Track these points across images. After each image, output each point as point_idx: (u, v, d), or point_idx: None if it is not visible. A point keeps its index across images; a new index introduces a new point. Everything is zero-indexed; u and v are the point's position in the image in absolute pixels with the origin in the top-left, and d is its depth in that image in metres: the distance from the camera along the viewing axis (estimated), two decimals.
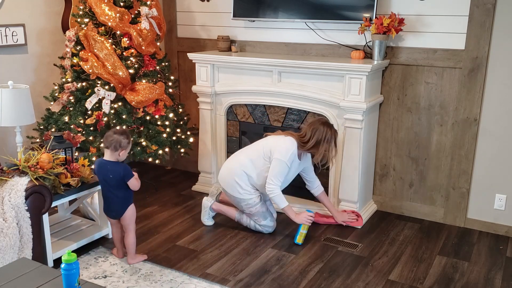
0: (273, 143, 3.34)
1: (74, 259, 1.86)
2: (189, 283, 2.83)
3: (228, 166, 3.45)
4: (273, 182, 3.26)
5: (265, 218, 3.43)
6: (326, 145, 3.27)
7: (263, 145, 3.38)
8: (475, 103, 3.40)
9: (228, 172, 3.42)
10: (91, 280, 2.80)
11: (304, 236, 3.33)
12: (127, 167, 2.93)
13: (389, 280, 2.91)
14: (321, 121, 3.34)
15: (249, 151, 3.45)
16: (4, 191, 2.69)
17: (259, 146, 3.40)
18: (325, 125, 3.30)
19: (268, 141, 3.39)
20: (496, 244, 3.38)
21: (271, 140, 3.39)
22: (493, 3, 3.20)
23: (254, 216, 3.43)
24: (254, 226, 3.47)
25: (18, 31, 3.73)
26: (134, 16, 3.78)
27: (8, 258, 2.56)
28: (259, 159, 3.36)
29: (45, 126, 3.79)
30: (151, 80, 3.83)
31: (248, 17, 4.02)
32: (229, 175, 3.41)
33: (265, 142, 3.39)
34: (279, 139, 3.35)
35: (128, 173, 2.91)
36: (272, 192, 3.27)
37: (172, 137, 4.03)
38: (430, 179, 3.69)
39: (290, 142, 3.30)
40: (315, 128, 3.27)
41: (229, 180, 3.40)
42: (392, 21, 3.37)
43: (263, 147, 3.36)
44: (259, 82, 3.83)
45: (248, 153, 3.42)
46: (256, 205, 3.39)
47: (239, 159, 3.42)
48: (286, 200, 3.31)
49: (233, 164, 3.42)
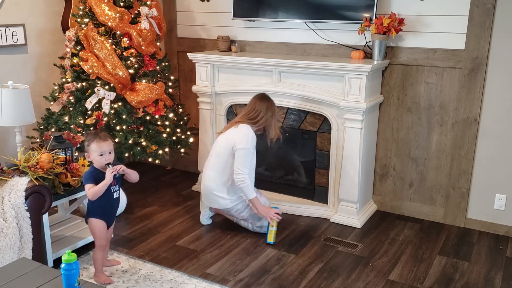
0: (231, 138, 3.31)
1: (74, 259, 1.87)
2: (189, 283, 2.83)
3: (204, 184, 3.46)
4: (241, 171, 3.25)
5: (259, 219, 3.43)
6: (273, 115, 3.37)
7: (224, 146, 3.34)
8: (475, 103, 3.40)
9: (206, 190, 3.45)
10: (91, 280, 2.80)
11: (275, 233, 3.32)
12: (86, 173, 2.69)
13: (389, 280, 2.91)
14: (258, 96, 3.39)
15: (212, 162, 3.42)
16: (4, 191, 2.69)
17: (220, 150, 3.37)
18: (263, 98, 3.38)
19: (226, 139, 3.35)
20: (496, 244, 3.38)
21: (227, 136, 3.35)
22: (493, 3, 3.20)
23: (248, 220, 3.45)
24: (252, 228, 3.48)
25: (18, 31, 3.73)
26: (134, 16, 3.78)
27: (8, 258, 2.56)
28: (226, 162, 3.34)
29: (45, 126, 3.79)
30: (151, 80, 3.83)
31: (248, 17, 4.02)
32: (208, 193, 3.44)
33: (224, 144, 3.35)
34: (234, 131, 3.32)
35: (84, 179, 2.67)
36: (242, 181, 3.25)
37: (172, 137, 4.03)
38: (430, 179, 3.69)
39: (245, 128, 3.30)
40: (256, 103, 3.34)
41: (210, 196, 3.44)
42: (392, 21, 3.37)
43: (225, 148, 3.33)
44: (259, 82, 3.83)
45: (213, 166, 3.40)
46: (245, 209, 3.42)
47: (209, 176, 3.42)
48: (254, 192, 3.32)
49: (207, 182, 3.43)
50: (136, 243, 3.32)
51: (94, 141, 2.65)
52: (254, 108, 3.35)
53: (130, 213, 3.78)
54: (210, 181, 3.41)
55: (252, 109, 3.36)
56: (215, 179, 3.39)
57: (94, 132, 2.75)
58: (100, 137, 2.67)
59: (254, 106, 3.36)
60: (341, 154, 3.60)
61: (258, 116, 3.34)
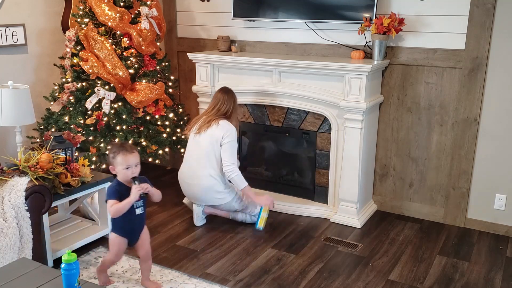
0: (217, 135, 3.38)
1: (74, 259, 1.86)
2: (189, 283, 2.83)
3: (202, 184, 3.44)
4: (230, 162, 3.37)
5: (255, 206, 3.53)
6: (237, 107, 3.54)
7: (211, 144, 3.39)
8: (475, 103, 3.40)
9: (205, 189, 3.44)
10: (91, 280, 2.80)
11: (266, 220, 3.38)
12: (110, 187, 2.56)
13: (389, 280, 2.91)
14: (224, 90, 3.51)
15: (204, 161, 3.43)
16: (4, 191, 2.69)
17: (208, 148, 3.40)
18: (229, 91, 3.51)
19: (210, 137, 3.40)
20: (496, 244, 3.38)
21: (212, 134, 3.40)
22: (493, 3, 3.20)
23: (247, 209, 3.53)
24: (250, 219, 3.56)
25: (18, 31, 3.73)
26: (134, 16, 3.78)
27: (8, 258, 2.56)
28: (218, 158, 3.40)
29: (45, 126, 3.79)
30: (151, 80, 3.83)
31: (248, 17, 4.02)
32: (208, 191, 3.44)
33: (209, 141, 3.39)
34: (217, 129, 3.39)
35: (108, 194, 2.54)
36: (232, 171, 3.35)
37: (172, 137, 4.03)
38: (430, 179, 3.69)
39: (226, 123, 3.42)
40: (225, 97, 3.46)
41: (211, 195, 3.45)
42: (392, 21, 3.37)
43: (212, 145, 3.38)
44: (259, 82, 3.83)
45: (207, 164, 3.42)
46: (244, 197, 3.53)
47: (207, 174, 3.42)
48: (245, 180, 3.40)
49: (206, 181, 3.43)
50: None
51: (120, 153, 2.50)
52: (223, 102, 3.47)
53: None
54: (209, 180, 3.42)
55: (222, 103, 3.47)
56: (214, 175, 3.42)
57: (119, 144, 2.60)
58: (126, 149, 2.52)
59: (223, 100, 3.47)
60: (341, 154, 3.60)
61: (228, 109, 3.47)
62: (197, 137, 3.46)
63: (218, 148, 3.40)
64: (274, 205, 3.48)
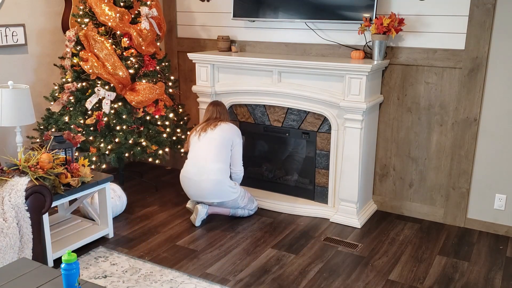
0: (230, 133, 3.55)
1: (74, 259, 1.86)
2: (189, 283, 2.83)
3: (212, 178, 3.45)
4: (240, 163, 3.64)
5: (253, 201, 3.74)
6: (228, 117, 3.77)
7: (225, 139, 3.51)
8: (475, 103, 3.40)
9: (215, 185, 3.47)
10: (91, 280, 2.80)
11: None
12: None
13: (389, 280, 2.91)
14: (212, 104, 3.70)
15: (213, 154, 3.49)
16: (4, 191, 2.69)
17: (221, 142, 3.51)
18: (217, 103, 3.71)
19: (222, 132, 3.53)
20: (496, 244, 3.38)
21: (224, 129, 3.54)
22: (493, 3, 3.20)
23: (247, 205, 3.68)
24: (248, 213, 3.71)
25: (18, 31, 3.73)
26: (134, 16, 3.79)
27: (8, 258, 2.56)
28: (227, 154, 3.54)
29: (45, 126, 3.79)
30: (151, 80, 3.83)
31: (248, 17, 4.02)
32: (215, 186, 3.47)
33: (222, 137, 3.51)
34: (228, 126, 3.57)
35: None
36: (242, 171, 3.66)
37: (172, 137, 4.03)
38: (430, 179, 3.69)
39: (231, 124, 3.63)
40: (222, 107, 3.69)
41: (222, 189, 3.50)
42: (392, 21, 3.37)
43: (226, 141, 3.52)
44: (259, 82, 3.83)
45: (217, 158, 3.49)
46: (245, 192, 3.68)
47: (217, 168, 3.47)
48: None
49: (215, 175, 3.47)
50: (136, 243, 3.32)
51: None
52: (217, 112, 3.66)
53: (130, 213, 3.78)
54: (219, 173, 3.47)
55: (217, 113, 3.67)
56: (223, 170, 3.50)
57: None
58: None
59: (216, 111, 3.66)
60: (341, 154, 3.60)
61: (223, 119, 3.67)
62: (204, 135, 3.53)
63: (229, 145, 3.53)
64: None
